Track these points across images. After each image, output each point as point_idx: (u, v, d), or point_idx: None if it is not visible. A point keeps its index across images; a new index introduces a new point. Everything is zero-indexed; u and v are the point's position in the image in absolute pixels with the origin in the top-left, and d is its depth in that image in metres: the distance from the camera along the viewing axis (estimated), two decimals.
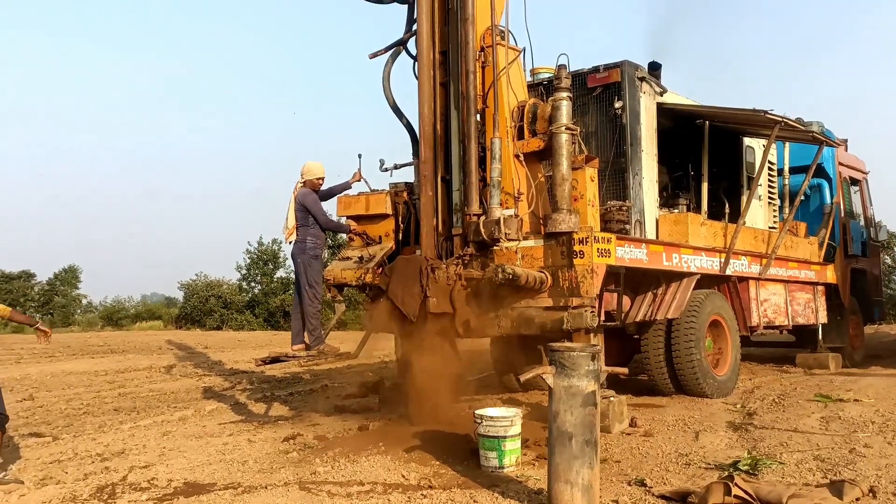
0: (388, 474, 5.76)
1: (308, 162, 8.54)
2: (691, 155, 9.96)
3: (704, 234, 9.30)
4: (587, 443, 4.61)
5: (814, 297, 11.87)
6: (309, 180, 8.53)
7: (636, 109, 8.86)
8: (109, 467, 6.49)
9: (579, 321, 6.86)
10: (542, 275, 7.05)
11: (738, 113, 9.37)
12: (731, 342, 9.51)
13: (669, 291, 8.56)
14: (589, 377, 4.68)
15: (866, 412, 7.72)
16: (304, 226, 8.37)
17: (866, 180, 14.57)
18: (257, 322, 34.21)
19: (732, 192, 10.51)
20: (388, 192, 8.58)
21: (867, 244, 14.12)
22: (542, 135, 7.34)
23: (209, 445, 7.30)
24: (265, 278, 37.25)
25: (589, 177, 7.30)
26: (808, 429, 7.05)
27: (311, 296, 8.26)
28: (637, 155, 8.82)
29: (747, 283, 10.08)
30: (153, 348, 20.45)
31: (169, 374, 14.26)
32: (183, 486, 5.73)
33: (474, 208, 7.33)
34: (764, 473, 5.44)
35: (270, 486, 5.57)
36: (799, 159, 12.01)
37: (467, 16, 7.45)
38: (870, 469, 5.46)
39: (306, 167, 8.50)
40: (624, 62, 8.83)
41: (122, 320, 38.64)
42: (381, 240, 8.52)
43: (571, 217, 6.94)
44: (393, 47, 8.55)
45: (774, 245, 10.39)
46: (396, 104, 8.65)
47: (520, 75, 7.91)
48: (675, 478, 5.45)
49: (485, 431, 5.86)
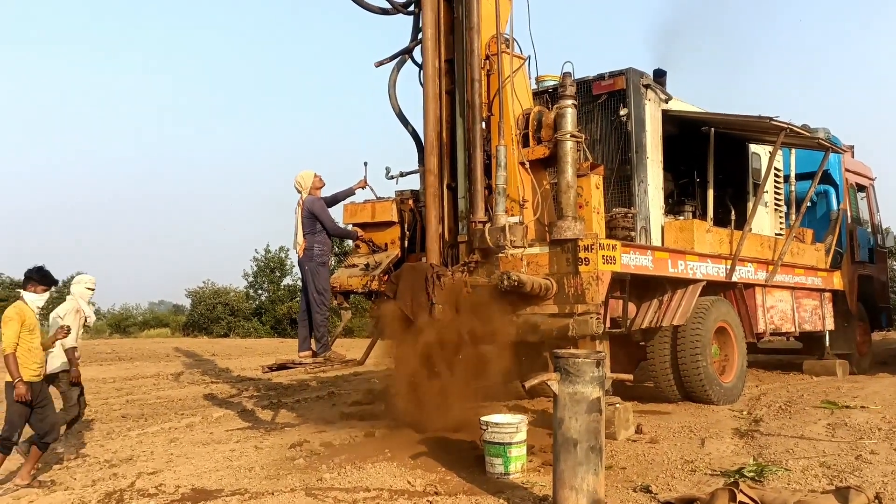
0: (394, 481, 5.78)
1: (300, 173, 8.41)
2: (697, 162, 9.96)
3: (710, 241, 9.30)
4: (592, 449, 4.63)
5: (820, 304, 11.84)
6: (310, 188, 8.49)
7: (641, 117, 8.88)
8: (117, 473, 6.54)
9: (584, 328, 6.87)
10: (547, 282, 7.06)
11: (744, 119, 9.37)
12: (738, 349, 9.50)
13: (675, 298, 8.56)
14: (594, 384, 4.70)
15: (873, 419, 7.70)
16: (311, 233, 8.38)
17: (873, 186, 14.54)
18: (264, 329, 34.26)
19: (738, 199, 10.50)
20: (394, 200, 8.61)
21: (874, 250, 14.08)
22: (548, 142, 7.37)
23: (216, 452, 7.33)
24: (272, 286, 37.30)
25: (594, 184, 7.31)
26: (814, 435, 7.04)
27: (318, 303, 8.28)
28: (642, 162, 8.84)
29: (753, 289, 10.06)
30: (161, 356, 20.51)
31: (176, 381, 14.31)
32: (190, 493, 5.77)
33: (480, 215, 7.35)
34: (769, 480, 5.44)
35: (277, 492, 5.60)
36: (805, 166, 12.00)
37: (472, 24, 7.50)
38: (876, 476, 5.45)
39: (302, 178, 8.35)
40: (629, 69, 8.86)
41: (129, 328, 38.70)
42: (387, 247, 8.54)
43: (576, 224, 6.96)
44: (399, 56, 8.60)
45: (781, 252, 10.38)
46: (402, 112, 8.69)
47: (525, 83, 7.95)
48: (680, 484, 5.46)
49: (490, 438, 5.88)
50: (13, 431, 6.20)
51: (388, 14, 8.46)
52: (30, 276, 6.48)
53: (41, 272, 6.51)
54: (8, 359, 6.13)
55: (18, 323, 6.23)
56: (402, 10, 8.44)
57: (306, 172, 8.45)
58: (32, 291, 6.46)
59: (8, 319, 6.25)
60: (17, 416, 6.22)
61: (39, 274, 6.49)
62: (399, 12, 8.43)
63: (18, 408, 6.20)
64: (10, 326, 6.21)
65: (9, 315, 6.27)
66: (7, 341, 6.16)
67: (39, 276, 6.48)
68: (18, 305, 6.37)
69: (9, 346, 6.14)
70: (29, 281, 6.47)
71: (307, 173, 8.44)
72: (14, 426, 6.21)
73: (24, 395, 6.16)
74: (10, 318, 6.25)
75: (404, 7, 8.42)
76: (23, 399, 6.16)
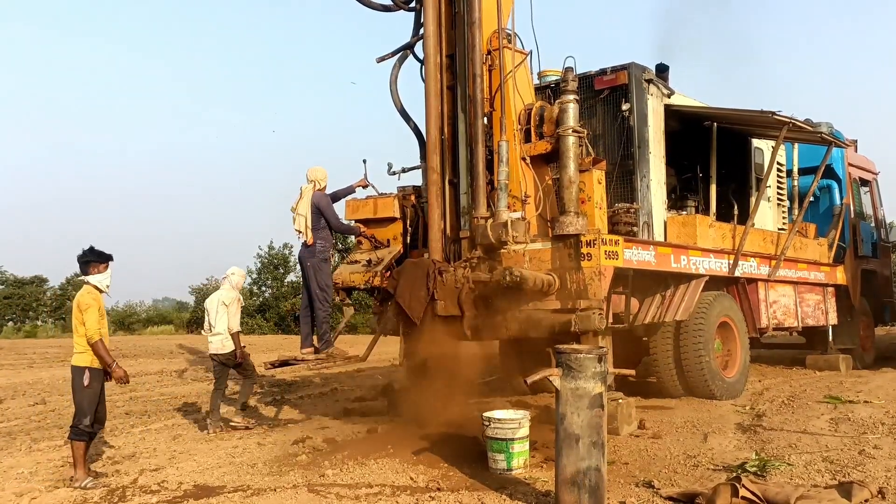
0: (397, 476, 5.79)
1: (314, 167, 8.49)
2: (699, 156, 9.94)
3: (713, 236, 9.29)
4: (594, 444, 4.62)
5: (824, 299, 11.81)
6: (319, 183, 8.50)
7: (644, 111, 8.86)
8: (120, 470, 6.55)
9: (587, 323, 6.86)
10: (549, 277, 7.04)
11: (746, 114, 9.35)
12: (741, 344, 9.49)
13: (678, 293, 8.54)
14: (596, 379, 4.69)
15: (876, 413, 7.69)
16: (314, 229, 8.38)
17: (876, 181, 14.50)
18: (268, 326, 34.28)
19: (741, 194, 10.48)
20: (396, 196, 8.61)
21: (877, 245, 14.05)
22: (550, 137, 7.36)
23: (219, 448, 7.35)
24: (276, 282, 37.32)
25: (596, 179, 7.30)
26: (817, 430, 7.03)
27: (320, 299, 8.28)
28: (645, 157, 8.82)
29: (756, 284, 10.05)
30: (164, 352, 20.54)
31: (180, 378, 14.35)
32: (193, 489, 5.78)
33: (482, 211, 7.34)
34: (772, 475, 5.44)
35: (279, 488, 5.60)
36: (808, 160, 11.96)
37: (474, 19, 7.48)
38: (879, 470, 5.44)
39: (318, 172, 8.44)
40: (631, 64, 8.84)
41: (133, 325, 38.78)
42: (390, 243, 8.54)
43: (579, 219, 6.94)
44: (400, 51, 8.59)
45: (783, 246, 10.36)
46: (404, 108, 8.68)
47: (527, 78, 7.93)
48: (682, 479, 5.46)
49: (493, 434, 5.88)
50: (83, 417, 6.07)
51: (391, 11, 8.44)
52: (87, 259, 6.25)
53: (95, 252, 6.29)
54: (97, 345, 6.07)
55: (97, 308, 6.15)
56: (404, 7, 8.42)
57: (319, 168, 8.48)
58: (96, 272, 6.27)
59: (87, 306, 6.11)
60: (87, 403, 6.11)
61: (95, 254, 6.28)
62: (401, 9, 8.42)
63: (89, 394, 6.10)
64: (91, 313, 6.09)
65: (86, 301, 6.13)
66: (91, 328, 6.06)
67: (96, 255, 6.27)
68: (92, 291, 6.24)
69: (95, 333, 6.06)
70: (88, 264, 6.25)
71: (320, 169, 8.47)
72: (84, 412, 6.09)
73: (125, 378, 6.22)
74: (88, 304, 6.12)
75: (406, 4, 8.40)
76: (125, 380, 6.23)
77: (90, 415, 6.12)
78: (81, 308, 6.13)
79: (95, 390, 6.16)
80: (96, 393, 6.18)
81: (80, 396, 6.14)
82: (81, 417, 6.09)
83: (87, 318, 6.09)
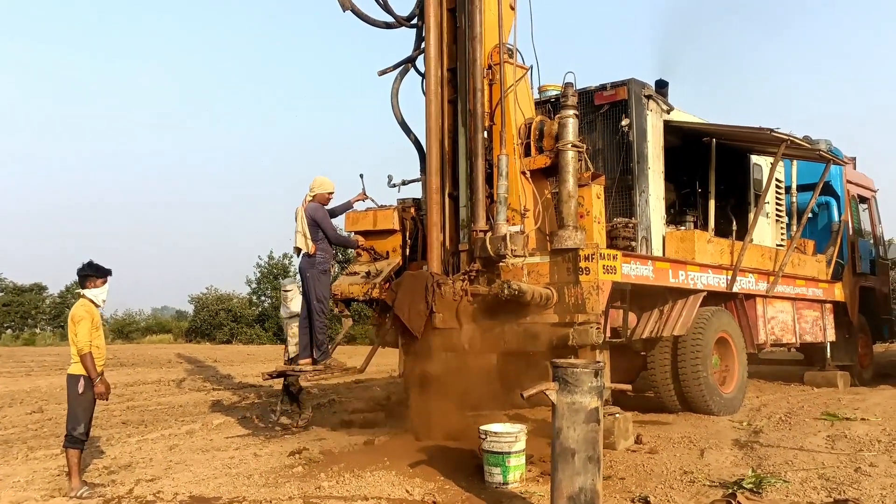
0: (393, 489, 5.78)
1: (319, 176, 8.55)
2: (698, 172, 9.98)
3: (711, 252, 9.30)
4: (590, 459, 4.63)
5: (822, 315, 11.82)
6: (319, 194, 8.52)
7: (643, 127, 8.90)
8: (116, 480, 6.55)
9: (585, 337, 6.87)
10: (547, 291, 7.06)
11: (745, 131, 9.39)
12: (738, 359, 9.49)
13: (676, 308, 8.56)
14: (592, 394, 4.70)
15: (873, 431, 7.69)
16: (313, 240, 8.40)
17: (875, 198, 14.54)
18: (267, 336, 34.28)
19: (739, 210, 10.51)
20: (396, 208, 8.63)
21: (876, 262, 14.07)
22: (549, 152, 7.39)
23: (215, 459, 7.34)
24: (275, 292, 37.30)
25: (595, 194, 7.33)
26: (813, 447, 7.03)
27: (317, 311, 8.29)
28: (644, 172, 8.85)
29: (754, 300, 10.06)
30: (163, 361, 20.53)
31: (178, 387, 14.32)
32: (188, 500, 5.78)
33: (481, 224, 7.37)
34: (768, 492, 5.43)
35: (275, 500, 5.60)
36: (807, 177, 12.01)
37: (475, 34, 7.54)
38: (875, 488, 5.44)
39: (317, 181, 8.49)
40: (631, 80, 8.89)
41: (132, 333, 38.79)
42: (389, 255, 8.56)
43: (577, 234, 6.97)
44: (402, 65, 8.64)
45: (782, 262, 10.38)
46: (405, 121, 8.72)
47: (527, 93, 7.98)
48: (678, 495, 5.45)
49: (489, 447, 5.88)
50: (76, 425, 6.17)
51: (392, 28, 8.49)
52: (85, 273, 6.40)
53: (94, 266, 6.45)
54: (86, 358, 6.16)
55: (90, 321, 6.25)
56: (406, 24, 8.47)
57: (326, 179, 8.50)
58: (93, 287, 6.40)
59: (80, 318, 6.23)
60: (83, 411, 6.23)
61: (93, 269, 6.43)
62: (402, 26, 8.46)
63: (84, 402, 6.22)
64: (83, 325, 6.21)
65: (80, 314, 6.26)
66: (82, 340, 6.16)
67: (94, 270, 6.42)
68: (86, 304, 6.35)
69: (86, 346, 6.16)
70: (87, 278, 6.40)
71: (326, 179, 8.48)
72: (78, 420, 6.19)
73: (105, 394, 6.27)
74: (81, 317, 6.24)
75: (408, 21, 8.46)
76: (104, 397, 6.29)
77: (84, 422, 6.22)
78: (75, 321, 6.27)
79: (90, 398, 6.25)
80: (91, 401, 6.28)
81: (75, 404, 6.23)
82: (75, 424, 6.18)
83: (79, 331, 6.22)
